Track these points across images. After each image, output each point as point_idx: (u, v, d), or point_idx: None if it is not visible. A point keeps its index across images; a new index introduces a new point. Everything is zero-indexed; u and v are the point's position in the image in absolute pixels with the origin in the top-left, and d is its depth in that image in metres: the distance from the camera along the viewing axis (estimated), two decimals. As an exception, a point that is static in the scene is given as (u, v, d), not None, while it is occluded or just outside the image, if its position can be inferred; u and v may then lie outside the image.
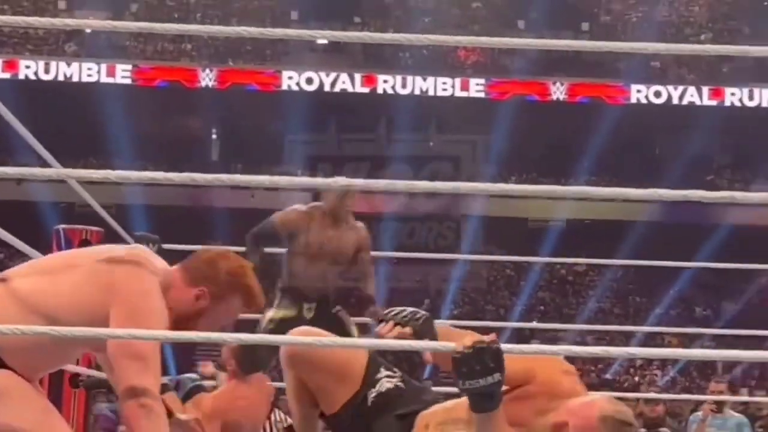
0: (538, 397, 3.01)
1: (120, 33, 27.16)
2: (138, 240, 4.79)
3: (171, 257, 3.23)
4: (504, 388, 2.74)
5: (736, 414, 7.99)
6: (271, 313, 5.61)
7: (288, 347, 3.20)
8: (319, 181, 2.78)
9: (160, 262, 3.01)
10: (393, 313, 2.83)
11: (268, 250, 5.82)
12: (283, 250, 5.78)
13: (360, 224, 5.83)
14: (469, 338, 2.59)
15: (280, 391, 4.99)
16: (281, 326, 5.33)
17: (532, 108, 26.47)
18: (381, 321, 2.83)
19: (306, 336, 3.14)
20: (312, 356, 3.16)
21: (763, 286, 25.23)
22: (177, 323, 2.90)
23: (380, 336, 2.80)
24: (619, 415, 2.89)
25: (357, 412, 3.19)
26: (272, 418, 6.27)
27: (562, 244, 23.88)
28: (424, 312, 2.83)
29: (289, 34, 2.82)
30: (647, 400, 7.78)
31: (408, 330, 2.79)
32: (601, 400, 2.96)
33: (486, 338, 2.60)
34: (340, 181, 2.64)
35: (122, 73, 26.52)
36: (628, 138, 25.79)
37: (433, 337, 2.84)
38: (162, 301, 2.87)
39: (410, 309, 2.84)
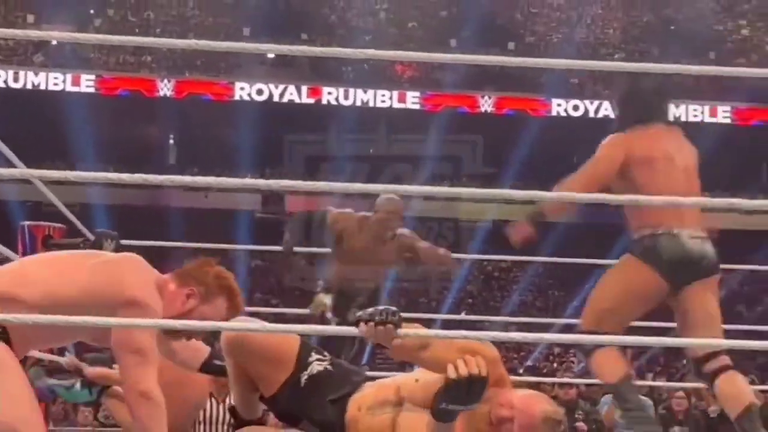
0: None
1: (84, 45, 26.82)
2: (98, 236, 4.72)
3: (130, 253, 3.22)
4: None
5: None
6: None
7: (227, 335, 3.20)
8: (261, 182, 2.76)
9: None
10: (369, 314, 2.79)
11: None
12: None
13: (403, 230, 5.53)
14: (463, 365, 2.57)
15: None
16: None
17: (462, 119, 26.58)
18: (359, 322, 2.76)
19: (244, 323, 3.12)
20: (248, 343, 3.17)
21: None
22: None
23: (366, 337, 2.78)
24: (556, 415, 2.93)
25: (292, 393, 3.20)
26: (227, 400, 6.20)
27: (489, 242, 24.00)
28: (395, 309, 2.81)
29: (246, 47, 2.81)
30: (561, 384, 7.83)
31: (390, 327, 2.74)
32: (541, 401, 2.98)
33: (480, 369, 2.58)
34: (283, 182, 2.61)
35: (86, 83, 26.22)
36: (549, 147, 25.97)
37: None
38: (160, 301, 2.94)
39: (383, 308, 2.81)
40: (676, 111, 27.43)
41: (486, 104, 27.22)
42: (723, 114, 27.62)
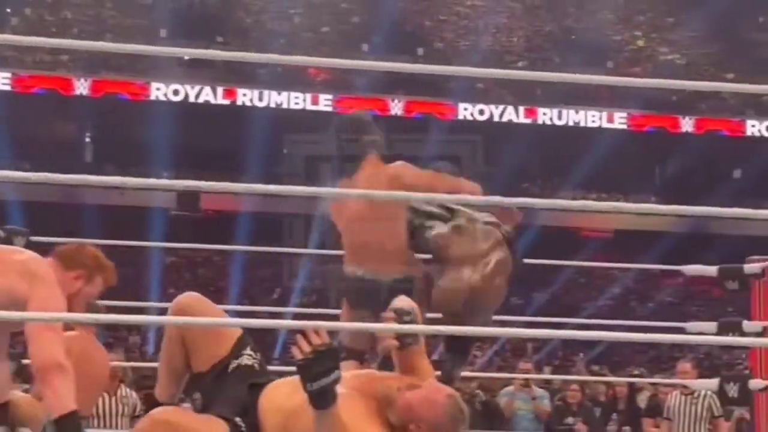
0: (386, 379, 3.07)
1: (1, 44, 26.26)
2: (7, 233, 4.62)
3: (42, 250, 3.22)
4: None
5: (540, 389, 8.20)
6: None
7: (180, 300, 3.31)
8: (177, 183, 2.73)
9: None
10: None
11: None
12: None
13: None
14: (306, 344, 2.60)
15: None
16: None
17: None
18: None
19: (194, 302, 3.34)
20: (200, 310, 3.23)
21: (569, 278, 25.97)
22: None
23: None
24: (458, 412, 2.93)
25: (218, 375, 3.20)
26: (118, 393, 6.11)
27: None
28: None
29: (163, 51, 2.78)
30: (462, 378, 7.90)
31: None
32: (440, 398, 2.95)
33: (322, 343, 2.60)
34: (187, 182, 2.59)
35: (2, 81, 25.64)
36: (455, 150, 26.17)
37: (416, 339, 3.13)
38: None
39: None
40: (576, 116, 27.90)
41: (396, 107, 27.32)
42: (619, 120, 28.16)
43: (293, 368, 2.75)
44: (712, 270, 5.69)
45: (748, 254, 5.72)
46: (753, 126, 28.61)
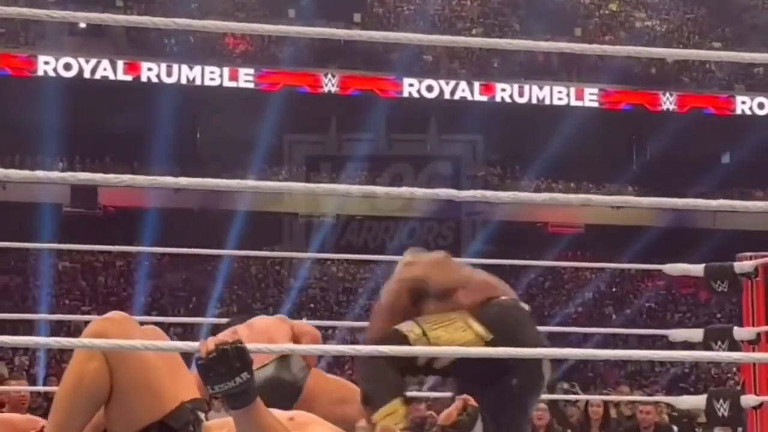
0: None
1: None
2: None
3: None
4: None
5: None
6: None
7: (97, 321, 3.22)
8: (81, 175, 2.70)
9: None
10: None
11: None
12: None
13: None
14: (212, 341, 2.58)
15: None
16: None
17: (303, 100, 26.59)
18: None
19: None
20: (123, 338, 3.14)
21: (533, 281, 26.14)
22: None
23: None
24: None
25: None
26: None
27: (332, 239, 24.13)
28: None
29: (52, 15, 2.74)
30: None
31: None
32: None
33: (228, 338, 2.59)
34: (80, 175, 2.56)
35: None
36: (401, 131, 26.22)
37: None
38: None
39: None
40: (540, 93, 28.09)
41: (330, 84, 27.28)
42: (590, 97, 28.40)
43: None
44: (697, 269, 5.75)
45: (738, 251, 5.80)
46: (743, 103, 29.04)
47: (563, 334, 16.80)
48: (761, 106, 28.91)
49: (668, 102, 28.77)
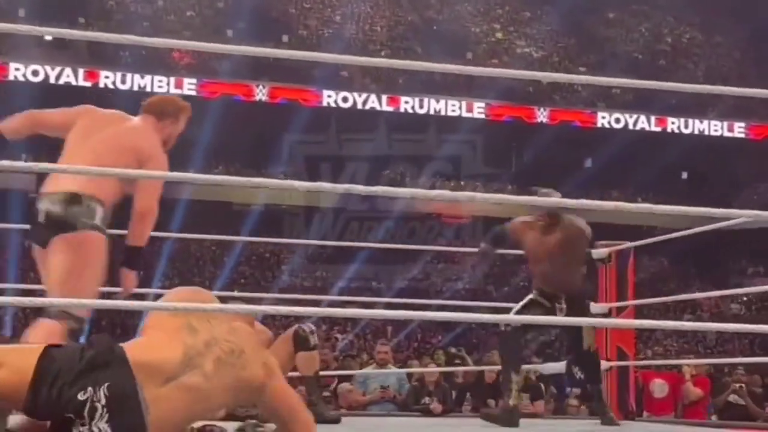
0: None
1: None
2: None
3: None
4: None
5: (397, 369, 8.30)
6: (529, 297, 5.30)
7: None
8: (44, 165, 2.66)
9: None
10: None
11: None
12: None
13: (577, 222, 5.41)
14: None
15: None
16: (530, 307, 5.26)
17: (238, 107, 26.42)
18: None
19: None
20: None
21: (426, 264, 26.29)
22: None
23: None
24: None
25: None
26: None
27: (261, 225, 23.98)
28: None
29: (22, 30, 2.69)
30: (322, 359, 7.90)
31: None
32: None
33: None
34: (42, 165, 2.53)
35: None
36: (319, 136, 26.18)
37: None
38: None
39: None
40: (437, 105, 28.23)
41: (261, 93, 27.12)
42: (478, 110, 28.62)
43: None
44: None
45: (597, 240, 5.90)
46: (603, 117, 29.50)
47: (453, 307, 16.92)
48: (618, 120, 29.42)
49: (542, 116, 29.12)
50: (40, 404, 2.67)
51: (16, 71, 25.31)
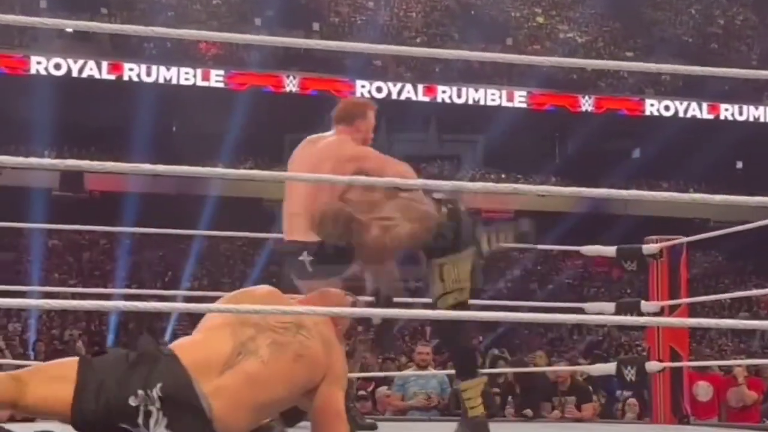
0: None
1: None
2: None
3: None
4: None
5: (438, 371, 8.27)
6: None
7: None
8: (69, 162, 2.67)
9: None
10: None
11: None
12: None
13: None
14: None
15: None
16: None
17: (267, 99, 26.50)
18: None
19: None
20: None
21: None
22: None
23: None
24: None
25: None
26: None
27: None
28: None
29: (45, 22, 2.71)
30: (365, 362, 7.89)
31: None
32: None
33: None
34: (68, 162, 2.53)
35: None
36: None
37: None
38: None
39: None
40: (476, 94, 28.16)
41: (291, 84, 27.18)
42: (519, 99, 28.51)
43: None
44: (610, 250, 5.81)
45: (646, 235, 5.86)
46: (652, 105, 29.27)
47: (495, 307, 16.86)
48: (667, 108, 29.17)
49: (587, 104, 28.95)
50: (88, 417, 2.58)
51: (38, 65, 25.53)
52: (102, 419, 2.58)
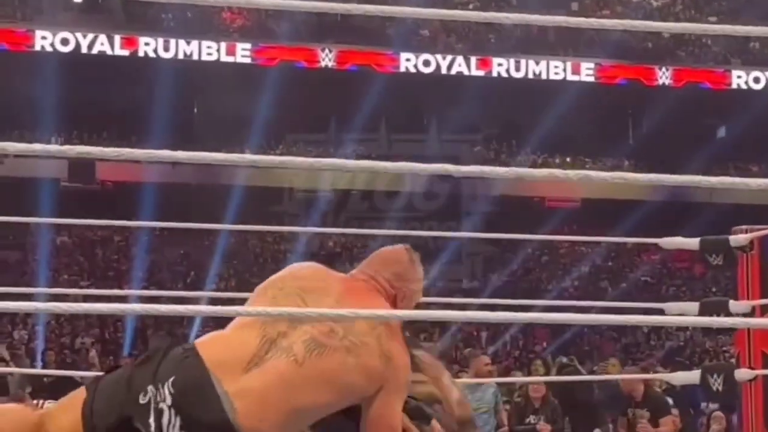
0: None
1: None
2: None
3: None
4: None
5: (493, 380, 8.30)
6: None
7: None
8: (78, 149, 2.69)
9: None
10: None
11: None
12: None
13: None
14: None
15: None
16: None
17: (300, 75, 26.54)
18: None
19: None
20: None
21: (530, 255, 26.17)
22: None
23: None
24: None
25: None
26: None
27: (328, 214, 24.13)
28: None
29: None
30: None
31: None
32: None
33: None
34: (77, 149, 2.54)
35: None
36: (397, 106, 26.21)
37: None
38: None
39: None
40: (536, 68, 28.06)
41: (327, 58, 27.23)
42: (586, 71, 28.36)
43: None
44: (693, 243, 5.75)
45: (734, 224, 5.80)
46: (739, 77, 29.01)
47: (560, 308, 16.82)
48: (757, 80, 28.88)
49: (664, 76, 28.74)
50: (99, 424, 2.59)
51: (43, 40, 25.76)
52: (115, 424, 2.59)
